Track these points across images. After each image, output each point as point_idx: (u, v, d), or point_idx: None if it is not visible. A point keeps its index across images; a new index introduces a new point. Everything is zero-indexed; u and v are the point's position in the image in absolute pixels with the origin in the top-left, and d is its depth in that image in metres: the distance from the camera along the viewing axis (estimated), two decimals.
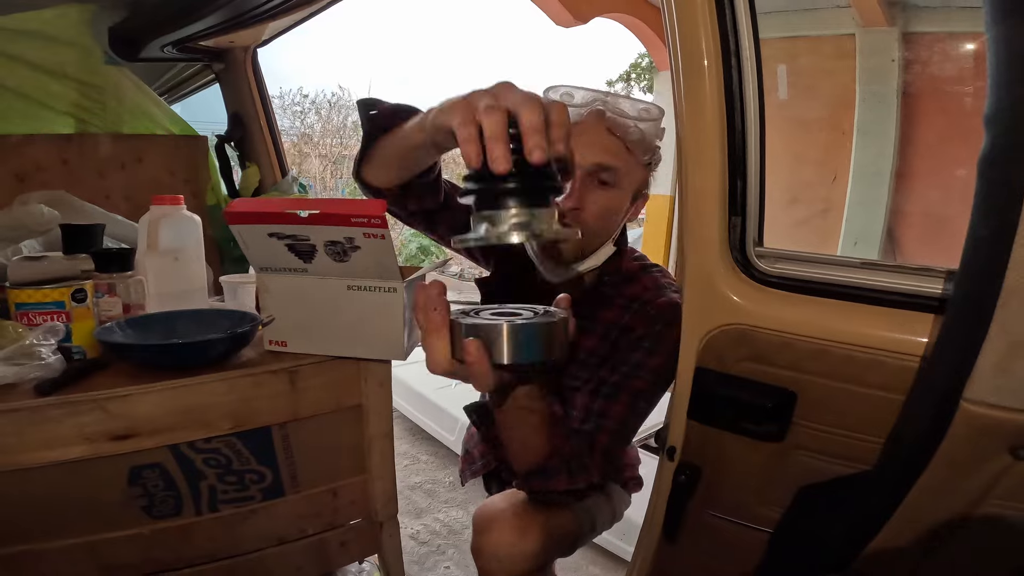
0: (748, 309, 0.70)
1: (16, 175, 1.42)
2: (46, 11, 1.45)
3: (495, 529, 0.90)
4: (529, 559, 0.88)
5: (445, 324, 0.49)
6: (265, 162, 1.84)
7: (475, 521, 0.95)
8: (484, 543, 0.91)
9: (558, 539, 0.94)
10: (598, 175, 0.90)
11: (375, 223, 0.74)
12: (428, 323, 0.50)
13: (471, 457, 1.19)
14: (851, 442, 0.66)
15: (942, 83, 1.22)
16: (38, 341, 0.75)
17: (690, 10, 0.67)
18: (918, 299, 0.61)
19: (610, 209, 0.92)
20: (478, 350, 0.49)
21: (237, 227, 0.79)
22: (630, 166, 0.92)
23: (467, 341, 0.50)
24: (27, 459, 0.72)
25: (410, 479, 2.27)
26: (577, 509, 0.99)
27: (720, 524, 0.80)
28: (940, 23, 1.19)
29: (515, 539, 0.88)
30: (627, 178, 0.92)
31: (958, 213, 0.50)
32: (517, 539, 0.88)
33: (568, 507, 0.95)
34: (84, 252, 0.93)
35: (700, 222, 0.72)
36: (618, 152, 0.90)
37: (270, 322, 0.88)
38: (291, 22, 1.57)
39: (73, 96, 1.57)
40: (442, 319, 0.49)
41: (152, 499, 0.83)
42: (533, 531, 0.89)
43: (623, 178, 0.91)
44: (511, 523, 0.90)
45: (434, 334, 0.49)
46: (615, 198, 0.92)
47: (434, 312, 0.49)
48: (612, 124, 0.89)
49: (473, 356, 0.49)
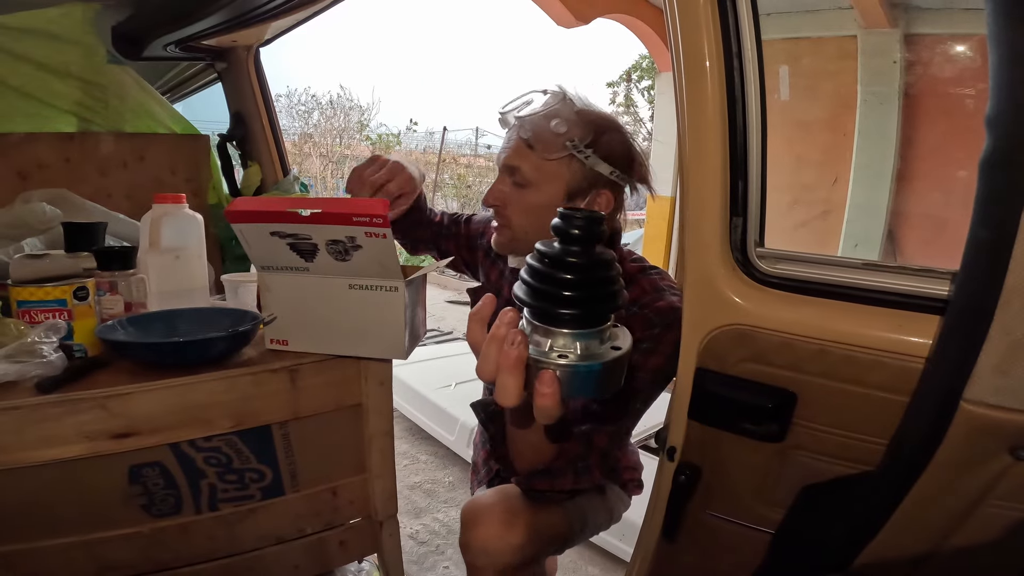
0: (749, 309, 0.70)
1: (18, 173, 1.43)
2: (50, 10, 1.46)
3: (482, 523, 0.91)
4: (516, 552, 0.89)
5: (523, 361, 0.45)
6: (267, 161, 1.84)
7: (463, 516, 0.96)
8: (472, 537, 0.92)
9: (547, 535, 0.95)
10: (511, 176, 0.96)
11: (377, 222, 0.74)
12: (505, 359, 0.45)
13: (476, 468, 1.19)
14: (851, 443, 0.66)
15: (944, 85, 1.22)
16: (39, 339, 0.75)
17: (692, 11, 0.68)
18: (919, 300, 0.61)
19: (531, 205, 0.95)
20: (554, 389, 0.45)
21: (239, 226, 0.80)
22: (534, 163, 0.93)
23: (544, 379, 0.45)
24: (27, 457, 0.72)
25: (410, 479, 2.28)
26: (568, 507, 0.99)
27: (719, 524, 0.80)
28: (943, 25, 1.19)
29: (502, 532, 0.89)
30: (537, 174, 0.94)
31: (959, 215, 0.50)
32: (504, 532, 0.89)
33: (559, 504, 0.96)
34: (86, 250, 0.93)
35: (701, 222, 0.72)
36: (520, 151, 0.94)
37: (271, 321, 0.88)
38: (293, 22, 1.58)
39: (76, 95, 1.58)
40: (520, 355, 0.45)
41: (152, 498, 0.83)
42: (520, 525, 0.90)
43: (531, 175, 0.94)
44: (498, 517, 0.90)
45: (511, 371, 0.45)
46: (530, 195, 0.95)
47: (512, 347, 0.44)
48: (518, 128, 0.95)
49: (549, 398, 0.45)
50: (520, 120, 0.94)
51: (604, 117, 0.96)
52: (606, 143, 0.93)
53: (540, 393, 0.45)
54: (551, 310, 0.45)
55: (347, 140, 10.19)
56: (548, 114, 0.92)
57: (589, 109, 0.95)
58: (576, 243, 0.45)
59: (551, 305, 0.45)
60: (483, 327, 0.49)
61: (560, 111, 0.92)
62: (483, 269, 1.18)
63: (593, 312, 0.45)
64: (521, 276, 0.47)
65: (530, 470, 0.82)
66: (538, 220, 0.95)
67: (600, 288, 0.45)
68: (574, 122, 0.92)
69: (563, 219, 0.46)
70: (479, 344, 0.49)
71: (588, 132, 0.92)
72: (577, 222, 0.45)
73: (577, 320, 0.45)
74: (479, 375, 0.48)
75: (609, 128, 0.95)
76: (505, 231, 1.00)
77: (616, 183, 0.96)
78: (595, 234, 0.46)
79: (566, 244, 0.46)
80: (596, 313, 0.46)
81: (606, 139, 0.93)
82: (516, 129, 0.95)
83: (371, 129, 10.78)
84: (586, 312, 0.45)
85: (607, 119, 0.96)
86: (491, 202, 0.99)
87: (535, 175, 0.94)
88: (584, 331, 0.45)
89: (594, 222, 0.45)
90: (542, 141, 0.92)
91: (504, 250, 1.03)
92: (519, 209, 0.97)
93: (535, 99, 0.95)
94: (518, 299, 0.47)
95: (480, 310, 0.50)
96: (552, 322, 0.45)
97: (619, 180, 0.95)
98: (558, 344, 0.45)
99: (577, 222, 0.45)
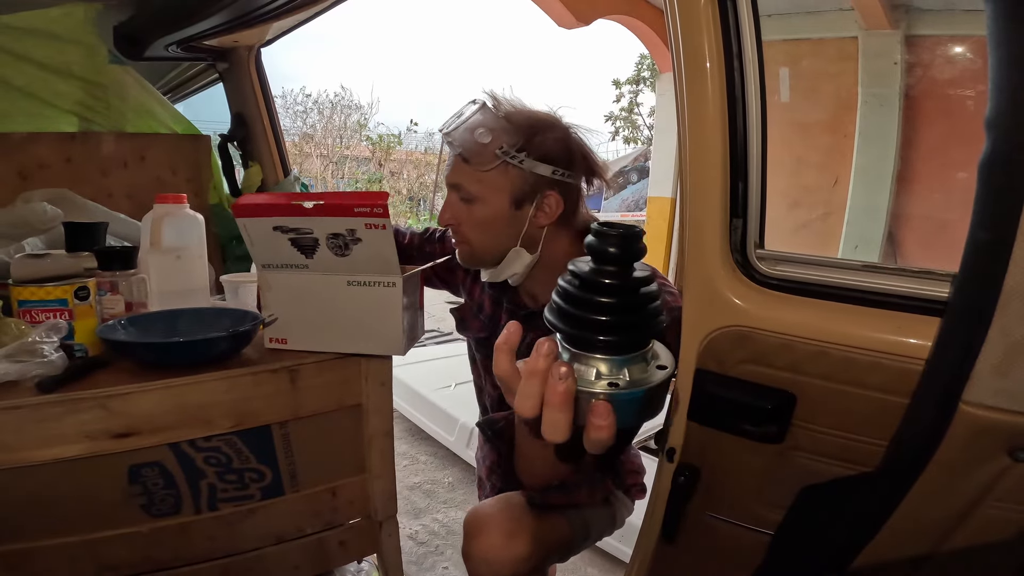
0: (748, 311, 0.70)
1: (19, 173, 1.43)
2: (52, 10, 1.46)
3: (485, 533, 0.90)
4: (519, 563, 0.88)
5: (572, 395, 0.41)
6: (267, 161, 1.84)
7: (466, 525, 0.95)
8: (474, 547, 0.91)
9: (550, 544, 0.94)
10: (458, 192, 0.95)
11: (377, 212, 0.76)
12: (552, 395, 0.41)
13: (481, 483, 1.19)
14: (850, 444, 0.66)
15: (945, 86, 1.22)
16: (40, 338, 0.76)
17: (692, 12, 0.68)
18: (918, 302, 0.61)
19: (481, 220, 0.95)
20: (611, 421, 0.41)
21: (244, 220, 0.81)
22: (473, 176, 0.93)
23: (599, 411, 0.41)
24: (28, 456, 0.72)
25: (409, 479, 2.28)
26: (571, 515, 0.98)
27: (719, 525, 0.80)
28: (943, 26, 1.19)
29: (505, 542, 0.88)
30: (479, 187, 0.93)
31: (960, 217, 0.50)
32: (507, 542, 0.88)
33: (562, 512, 0.95)
34: (87, 250, 0.93)
35: (701, 224, 0.72)
36: (457, 167, 0.95)
37: (272, 321, 0.88)
38: (295, 22, 1.58)
39: (78, 95, 1.58)
40: (569, 390, 0.41)
41: (152, 497, 0.83)
42: (523, 535, 0.89)
43: (472, 188, 0.93)
44: (501, 527, 0.89)
45: (561, 408, 0.41)
46: (477, 210, 0.94)
47: (560, 382, 0.41)
48: (451, 142, 0.94)
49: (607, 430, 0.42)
50: (451, 136, 0.94)
51: (535, 118, 0.95)
52: (539, 144, 0.92)
53: (596, 426, 0.41)
54: (594, 338, 0.41)
55: (347, 140, 10.19)
56: (471, 125, 0.91)
57: (518, 112, 0.94)
58: (614, 263, 0.41)
59: (593, 332, 0.41)
60: (512, 357, 0.46)
61: (484, 120, 0.91)
62: (464, 287, 1.17)
63: (640, 335, 0.43)
64: (554, 300, 0.44)
65: (543, 485, 0.81)
66: (493, 232, 0.96)
67: (644, 309, 0.42)
68: (501, 129, 0.91)
69: (597, 237, 0.42)
70: (511, 377, 0.45)
71: (518, 136, 0.91)
72: (613, 240, 0.41)
73: (624, 346, 0.42)
74: (519, 411, 0.43)
75: (541, 128, 0.93)
76: (464, 247, 1.00)
77: (563, 181, 0.94)
78: (634, 252, 0.42)
79: (603, 264, 0.42)
80: (642, 335, 0.43)
81: (539, 140, 0.92)
82: (451, 146, 0.95)
83: (370, 129, 10.79)
84: (633, 336, 0.42)
85: (538, 119, 0.95)
86: (446, 222, 0.99)
87: (477, 188, 0.93)
88: (630, 356, 0.42)
89: (632, 239, 0.41)
90: (473, 154, 0.92)
91: (470, 264, 1.03)
92: (471, 225, 0.96)
93: (465, 111, 0.94)
94: (553, 326, 0.44)
95: (509, 339, 0.45)
96: (596, 350, 0.42)
97: (564, 178, 0.93)
98: (603, 371, 0.42)
99: (613, 240, 0.41)
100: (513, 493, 0.93)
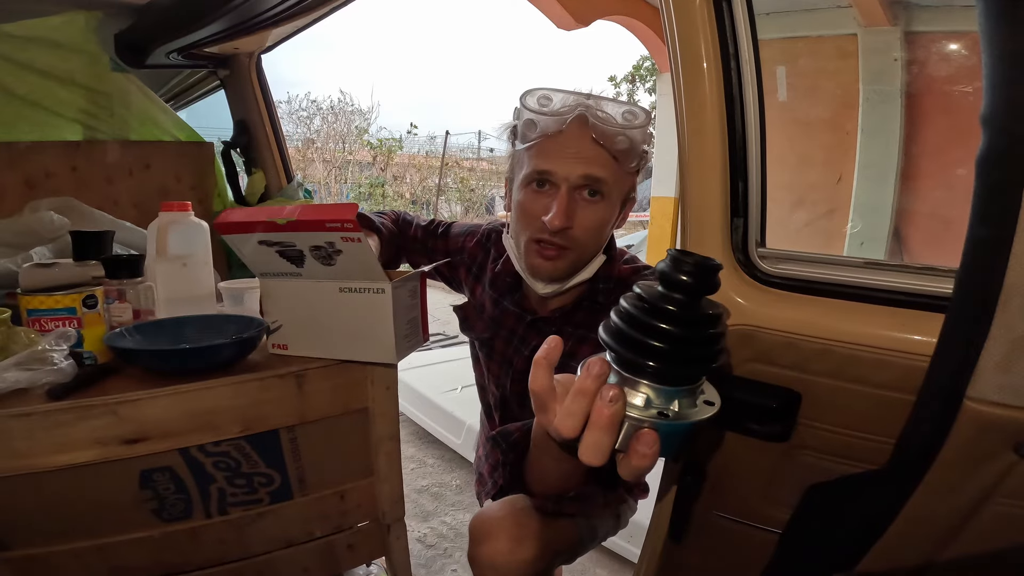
0: (751, 310, 0.70)
1: (25, 182, 1.44)
2: (53, 18, 1.47)
3: (491, 538, 0.90)
4: (525, 567, 0.88)
5: (619, 419, 0.41)
6: (270, 167, 1.85)
7: (472, 530, 0.94)
8: (480, 552, 0.91)
9: (557, 547, 0.93)
10: (586, 189, 0.85)
11: (348, 227, 0.74)
12: (599, 417, 0.40)
13: (483, 479, 1.19)
14: (856, 442, 0.67)
15: (946, 82, 1.22)
16: (50, 347, 0.76)
17: (688, 12, 0.68)
18: (922, 298, 0.61)
19: (600, 222, 0.87)
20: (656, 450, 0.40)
21: (229, 237, 0.82)
22: (618, 176, 0.85)
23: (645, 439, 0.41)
24: (39, 463, 0.73)
25: (417, 482, 2.28)
26: (578, 518, 0.98)
27: (726, 524, 0.80)
28: (943, 22, 1.19)
29: (512, 547, 0.88)
30: (615, 188, 0.86)
31: (964, 213, 0.50)
32: (514, 547, 0.88)
33: (569, 516, 0.95)
34: (94, 258, 0.94)
35: (702, 223, 0.72)
36: (605, 163, 0.83)
37: (277, 328, 0.89)
38: (294, 28, 1.59)
39: (81, 103, 1.59)
40: (618, 414, 0.40)
41: (162, 502, 0.84)
42: (529, 539, 0.88)
43: (611, 189, 0.85)
44: (508, 532, 0.89)
45: (607, 430, 0.40)
46: (604, 210, 0.86)
47: (609, 405, 0.40)
48: (597, 133, 0.82)
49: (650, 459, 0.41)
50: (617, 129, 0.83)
51: None
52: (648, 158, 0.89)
53: (640, 454, 0.40)
54: (650, 365, 0.40)
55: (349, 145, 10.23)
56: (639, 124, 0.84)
57: None
58: (686, 292, 0.40)
59: (652, 359, 0.40)
60: (551, 373, 0.44)
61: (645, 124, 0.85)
62: (467, 286, 1.12)
63: (698, 370, 0.42)
64: (613, 321, 0.42)
65: (557, 495, 0.80)
66: (602, 235, 0.89)
67: (710, 345, 0.41)
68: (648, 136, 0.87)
69: (674, 263, 0.40)
70: (547, 393, 0.44)
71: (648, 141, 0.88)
72: (688, 268, 0.40)
73: (680, 378, 0.41)
74: (560, 429, 0.42)
75: None
76: (568, 254, 0.87)
77: None
78: (708, 284, 0.40)
79: (674, 291, 0.40)
80: (700, 371, 0.42)
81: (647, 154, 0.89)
82: (599, 137, 0.83)
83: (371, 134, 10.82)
84: (692, 370, 0.42)
85: None
86: (563, 224, 0.84)
87: (613, 189, 0.86)
88: (682, 388, 0.42)
89: (709, 271, 0.40)
90: (631, 153, 0.85)
91: (560, 277, 0.90)
92: (586, 226, 0.86)
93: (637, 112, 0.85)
94: (608, 346, 0.42)
95: (549, 355, 0.44)
96: (650, 377, 0.41)
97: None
98: (652, 399, 0.41)
99: (688, 268, 0.40)
100: (518, 496, 0.93)
